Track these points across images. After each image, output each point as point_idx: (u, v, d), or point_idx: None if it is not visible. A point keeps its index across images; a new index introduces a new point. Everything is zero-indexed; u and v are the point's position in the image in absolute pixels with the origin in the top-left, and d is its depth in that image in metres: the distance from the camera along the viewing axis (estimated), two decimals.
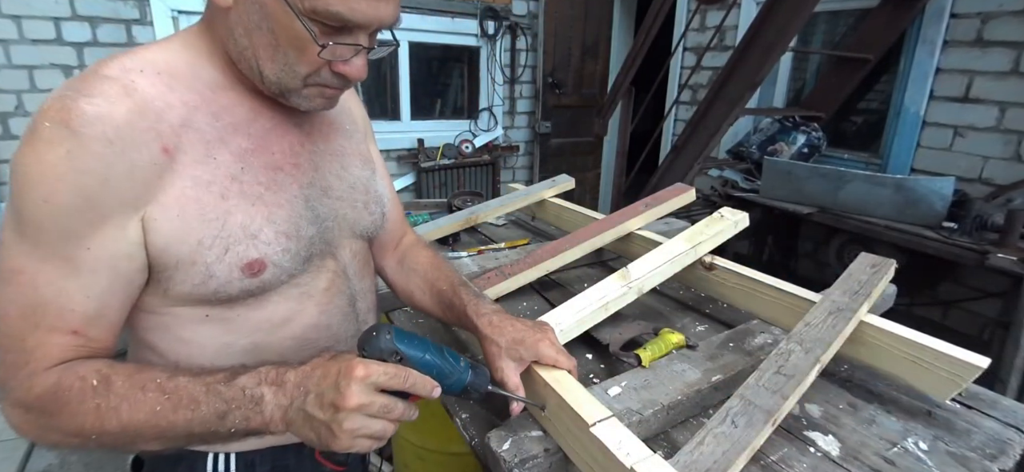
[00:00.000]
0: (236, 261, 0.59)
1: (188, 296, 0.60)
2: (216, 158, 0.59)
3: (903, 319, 0.83)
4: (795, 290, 0.95)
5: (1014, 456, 0.71)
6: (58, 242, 0.52)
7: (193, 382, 0.54)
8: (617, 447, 0.58)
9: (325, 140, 0.73)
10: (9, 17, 2.67)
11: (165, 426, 0.53)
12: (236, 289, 0.61)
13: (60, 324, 0.54)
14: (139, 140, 0.53)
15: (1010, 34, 2.34)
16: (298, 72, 0.58)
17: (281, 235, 0.63)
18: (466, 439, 0.77)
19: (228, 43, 0.60)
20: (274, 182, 0.64)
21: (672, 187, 1.37)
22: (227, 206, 0.59)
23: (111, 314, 0.57)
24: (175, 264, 0.58)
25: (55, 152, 0.50)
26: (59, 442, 0.54)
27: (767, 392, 0.70)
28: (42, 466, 2.11)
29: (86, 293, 0.54)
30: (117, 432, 0.53)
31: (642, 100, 3.39)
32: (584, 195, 4.59)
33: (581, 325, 0.90)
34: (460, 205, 1.75)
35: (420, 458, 1.64)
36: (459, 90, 4.34)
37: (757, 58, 2.39)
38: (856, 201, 2.36)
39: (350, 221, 0.74)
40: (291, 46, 0.56)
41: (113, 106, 0.52)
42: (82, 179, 0.51)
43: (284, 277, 0.64)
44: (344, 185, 0.73)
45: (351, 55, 0.58)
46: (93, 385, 0.53)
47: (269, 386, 0.55)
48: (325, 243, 0.69)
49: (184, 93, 0.59)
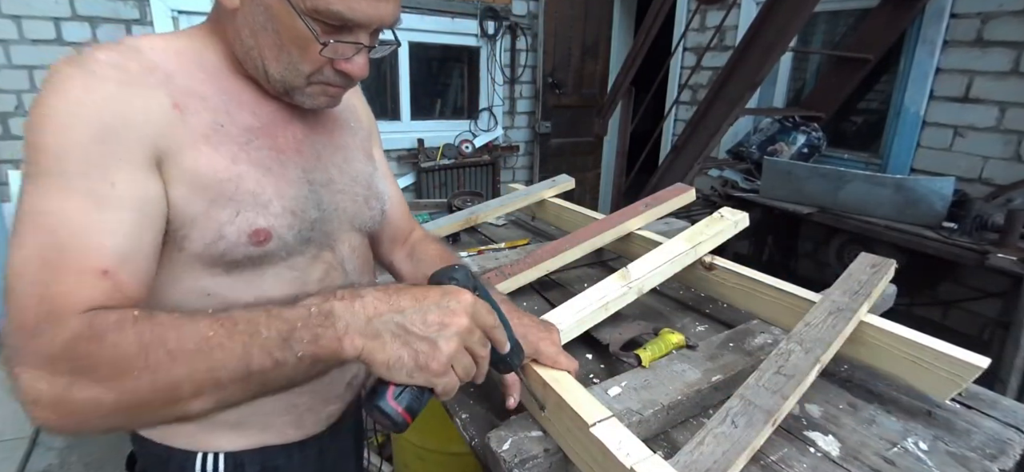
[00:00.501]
0: (245, 226, 0.60)
1: (199, 256, 0.60)
2: (224, 126, 0.61)
3: (903, 319, 0.83)
4: (795, 290, 0.95)
5: (1014, 456, 0.71)
6: (82, 174, 0.50)
7: (249, 309, 0.49)
8: (617, 447, 0.58)
9: (328, 134, 0.74)
10: (9, 17, 2.67)
11: (220, 358, 0.46)
12: (241, 253, 0.61)
13: (89, 264, 0.49)
14: (151, 88, 0.55)
15: (1010, 34, 2.34)
16: (301, 70, 0.60)
17: (288, 211, 0.64)
18: (466, 439, 0.77)
19: (235, 44, 0.62)
20: (279, 162, 0.65)
21: (672, 187, 1.37)
22: (239, 169, 0.60)
23: (141, 259, 0.53)
24: (192, 219, 0.58)
25: (75, 87, 0.51)
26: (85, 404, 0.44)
27: (767, 392, 0.70)
28: (42, 466, 2.11)
29: (113, 229, 0.51)
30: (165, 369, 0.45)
31: (642, 100, 3.39)
32: (584, 195, 4.59)
33: (581, 325, 0.90)
34: (460, 205, 1.75)
35: (420, 458, 1.64)
36: (459, 90, 4.34)
37: (757, 58, 2.39)
38: (856, 201, 2.36)
39: (350, 214, 0.75)
40: (294, 45, 0.58)
41: (125, 59, 0.55)
42: (102, 112, 0.51)
43: (284, 253, 0.65)
44: (346, 178, 0.74)
45: (352, 54, 0.60)
46: (134, 316, 0.47)
47: (340, 300, 0.50)
48: (324, 233, 0.70)
49: (190, 68, 0.61)
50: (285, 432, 0.74)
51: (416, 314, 0.50)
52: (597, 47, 4.38)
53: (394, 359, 0.49)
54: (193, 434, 0.70)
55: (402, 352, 0.49)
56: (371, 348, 0.49)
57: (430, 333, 0.50)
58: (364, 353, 0.49)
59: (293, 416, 0.74)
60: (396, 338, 0.49)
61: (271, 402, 0.70)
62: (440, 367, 0.50)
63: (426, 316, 0.50)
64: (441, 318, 0.50)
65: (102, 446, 2.21)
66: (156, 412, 0.46)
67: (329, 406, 0.78)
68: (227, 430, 0.71)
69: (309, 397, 0.75)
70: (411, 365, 0.49)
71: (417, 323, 0.50)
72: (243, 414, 0.69)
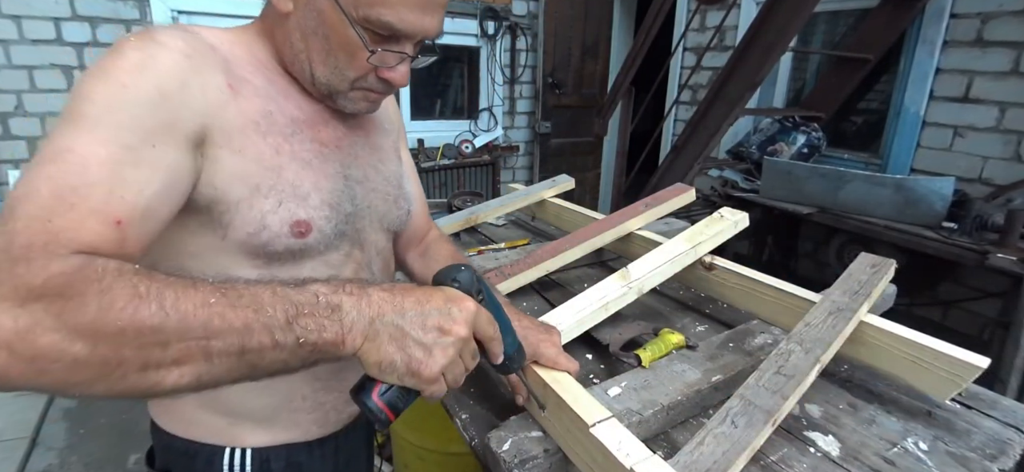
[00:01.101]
0: (287, 217, 0.61)
1: (242, 245, 0.61)
2: (271, 114, 0.62)
3: (903, 319, 0.83)
4: (795, 290, 0.95)
5: (1014, 456, 0.71)
6: (126, 129, 0.48)
7: (254, 284, 0.47)
8: (617, 448, 0.58)
9: (366, 134, 0.77)
10: (9, 17, 2.67)
11: (219, 326, 0.43)
12: (282, 245, 0.62)
13: (105, 208, 0.46)
14: (211, 65, 0.57)
15: (1010, 34, 2.34)
16: (347, 76, 0.63)
17: (325, 204, 0.65)
18: (466, 439, 0.77)
19: (284, 46, 0.65)
20: (321, 155, 0.67)
21: (672, 187, 1.37)
22: (281, 160, 0.62)
23: (152, 227, 0.51)
24: (236, 204, 0.58)
25: (140, 52, 0.52)
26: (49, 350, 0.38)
27: (767, 392, 0.70)
28: (42, 466, 2.11)
29: (141, 188, 0.49)
30: (156, 326, 0.40)
31: (642, 100, 3.39)
32: (584, 195, 4.59)
33: (581, 325, 0.90)
34: (460, 205, 1.75)
35: (420, 458, 1.65)
36: (459, 90, 4.34)
37: (757, 58, 2.39)
38: (856, 201, 2.36)
39: (380, 213, 0.76)
40: (343, 51, 0.61)
41: (186, 37, 0.56)
42: (163, 78, 0.52)
43: (322, 246, 0.66)
44: (380, 177, 0.77)
45: (396, 63, 0.63)
46: (134, 268, 0.43)
47: (349, 295, 0.48)
48: (356, 229, 0.71)
49: (244, 57, 0.63)
50: (310, 430, 0.76)
51: (416, 317, 0.50)
52: (597, 47, 4.38)
53: (387, 362, 0.49)
54: (221, 429, 0.71)
55: (396, 356, 0.49)
56: (368, 348, 0.49)
57: (428, 340, 0.50)
58: (361, 352, 0.49)
59: (319, 413, 0.76)
60: (392, 340, 0.49)
61: (300, 399, 0.73)
62: (432, 376, 0.50)
63: (426, 321, 0.50)
64: (441, 324, 0.50)
65: (103, 446, 2.21)
66: (126, 377, 0.41)
67: (350, 406, 0.79)
68: (255, 426, 0.72)
69: (336, 395, 0.76)
70: (403, 369, 0.49)
71: (416, 327, 0.50)
72: (273, 410, 0.72)
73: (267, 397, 0.71)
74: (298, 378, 0.71)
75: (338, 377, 0.75)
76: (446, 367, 0.51)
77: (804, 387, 0.73)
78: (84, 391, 0.40)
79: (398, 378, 0.50)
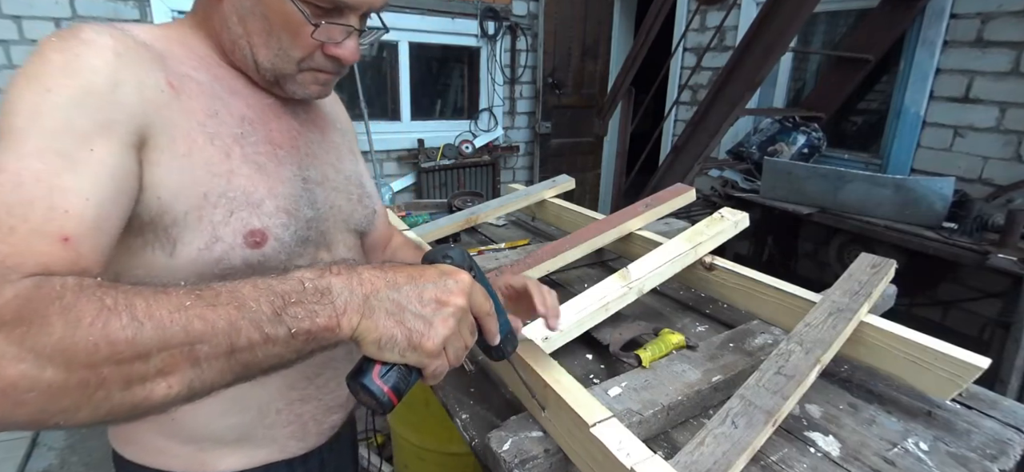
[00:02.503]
0: (240, 227, 0.57)
1: (194, 261, 0.56)
2: (218, 114, 0.58)
3: (903, 319, 0.83)
4: (795, 290, 0.95)
5: (1014, 457, 0.71)
6: (57, 135, 0.45)
7: (233, 282, 0.44)
8: (617, 448, 0.58)
9: (321, 132, 0.73)
10: (9, 17, 2.67)
11: (201, 329, 0.39)
12: (239, 258, 0.57)
13: (49, 227, 0.42)
14: (146, 62, 0.53)
15: (1010, 34, 2.34)
16: (292, 56, 0.59)
17: (281, 211, 0.61)
18: (466, 439, 0.77)
19: (222, 33, 0.60)
20: (274, 157, 0.62)
21: (672, 187, 1.37)
22: (231, 165, 0.57)
23: (106, 234, 0.47)
24: (184, 215, 0.54)
25: (64, 53, 0.47)
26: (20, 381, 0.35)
27: (767, 392, 0.70)
28: (42, 466, 2.11)
29: (85, 194, 0.45)
30: (130, 338, 0.37)
31: (642, 100, 3.39)
32: (584, 195, 4.59)
33: (581, 325, 0.90)
34: (460, 205, 1.75)
35: (420, 458, 1.64)
36: (459, 90, 4.34)
37: (757, 59, 2.39)
38: (856, 201, 2.36)
39: (345, 213, 0.73)
40: (284, 29, 0.57)
41: (115, 33, 0.52)
42: (92, 77, 0.47)
43: (284, 256, 0.61)
44: (340, 177, 0.73)
45: (343, 37, 0.60)
46: (96, 281, 0.40)
47: (337, 276, 0.46)
48: (320, 232, 0.68)
49: (182, 53, 0.59)
50: (288, 446, 0.71)
51: (412, 290, 0.47)
52: (597, 47, 4.38)
53: (387, 337, 0.46)
54: (188, 456, 0.66)
55: (396, 330, 0.46)
56: (365, 326, 0.46)
57: (426, 312, 0.47)
58: (358, 331, 0.46)
59: (297, 426, 0.71)
60: (390, 316, 0.46)
61: (275, 413, 0.68)
62: (434, 347, 0.47)
63: (423, 294, 0.48)
64: (438, 296, 0.48)
65: (103, 445, 2.21)
66: (111, 396, 0.37)
67: (332, 415, 0.76)
68: (226, 450, 0.67)
69: (314, 405, 0.72)
70: (404, 344, 0.46)
71: (413, 301, 0.47)
72: (245, 429, 0.67)
73: (236, 416, 0.66)
74: (271, 391, 0.67)
75: (315, 384, 0.71)
76: (448, 339, 0.48)
77: (804, 387, 0.73)
78: (71, 419, 0.37)
79: (400, 354, 0.47)
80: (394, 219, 1.46)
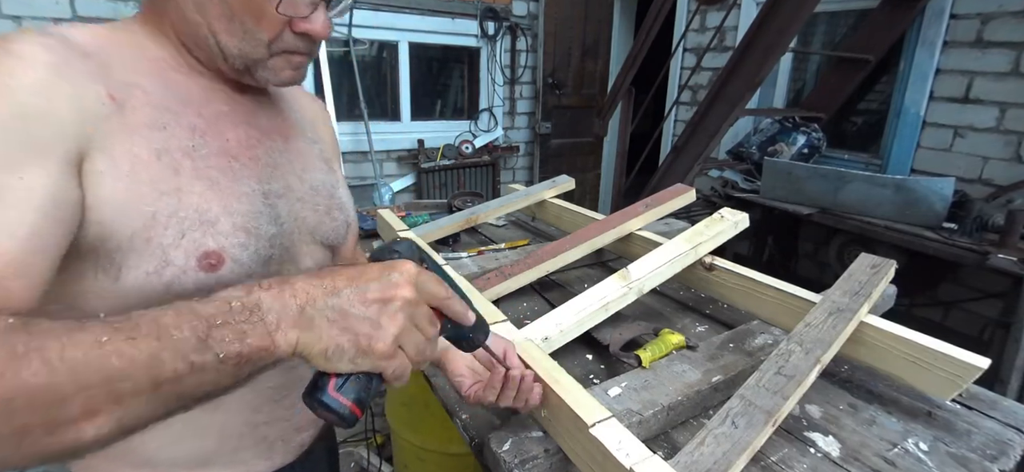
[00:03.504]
0: (193, 249, 0.53)
1: (141, 288, 0.52)
2: (167, 127, 0.53)
3: (903, 319, 0.83)
4: (795, 291, 0.95)
5: (1014, 457, 0.71)
6: None
7: (152, 310, 0.40)
8: (617, 448, 0.58)
9: (284, 140, 0.67)
10: (9, 17, 2.67)
11: (119, 366, 0.37)
12: (191, 283, 0.53)
13: None
14: (83, 75, 0.48)
15: (1010, 35, 2.34)
16: (260, 38, 0.55)
17: (239, 230, 0.56)
18: (466, 440, 0.77)
19: (180, 27, 0.56)
20: (230, 170, 0.57)
21: (672, 188, 1.37)
22: (180, 182, 0.52)
23: (39, 268, 0.44)
24: (129, 239, 0.50)
25: None
26: None
27: (767, 393, 0.70)
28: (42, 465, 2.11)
29: (12, 230, 0.42)
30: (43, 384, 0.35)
31: (642, 101, 3.39)
32: (584, 195, 4.60)
33: (581, 325, 0.90)
34: (460, 205, 1.75)
35: (420, 458, 1.65)
36: (459, 91, 4.34)
37: (757, 59, 2.39)
38: (856, 201, 2.37)
39: (310, 225, 0.68)
40: (246, 9, 0.53)
41: (49, 43, 0.47)
42: (21, 96, 0.43)
43: (243, 277, 0.57)
44: (305, 187, 0.67)
45: (309, 10, 0.56)
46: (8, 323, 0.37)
47: (267, 291, 0.42)
48: (284, 248, 0.63)
49: (130, 59, 0.54)
50: (254, 466, 0.67)
51: (353, 293, 0.44)
52: (597, 47, 4.39)
53: (333, 348, 0.43)
54: None
55: (341, 338, 0.43)
56: (306, 340, 0.42)
57: (371, 313, 0.44)
58: (299, 346, 0.43)
59: (263, 447, 0.67)
60: (333, 324, 0.43)
61: (237, 438, 0.64)
62: (386, 348, 0.44)
63: (366, 294, 0.44)
64: (382, 293, 0.45)
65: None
66: (37, 443, 0.35)
67: (300, 434, 0.72)
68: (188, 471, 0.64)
69: (280, 426, 0.68)
70: (352, 351, 0.43)
71: (356, 303, 0.44)
72: (206, 453, 0.64)
73: (193, 441, 0.62)
74: (231, 414, 0.64)
75: (282, 405, 0.67)
76: (399, 336, 0.45)
77: (804, 387, 0.73)
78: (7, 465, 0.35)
79: (350, 362, 0.44)
80: (393, 220, 1.46)
